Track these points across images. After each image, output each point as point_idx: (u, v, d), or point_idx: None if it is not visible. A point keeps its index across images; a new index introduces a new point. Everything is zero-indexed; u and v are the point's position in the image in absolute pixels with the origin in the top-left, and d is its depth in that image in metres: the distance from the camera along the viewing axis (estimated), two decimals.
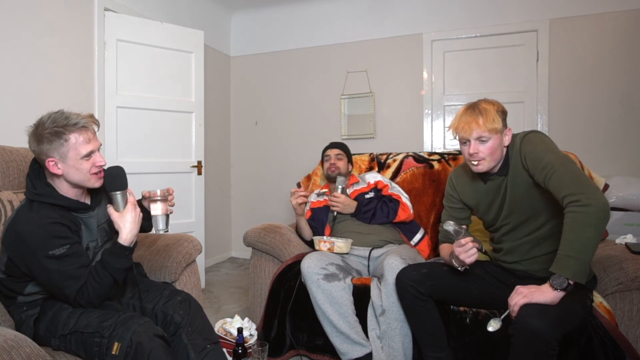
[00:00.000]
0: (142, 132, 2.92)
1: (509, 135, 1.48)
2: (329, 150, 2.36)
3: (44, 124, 1.23)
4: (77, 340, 1.22)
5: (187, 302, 1.42)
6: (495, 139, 1.43)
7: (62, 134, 1.22)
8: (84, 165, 1.27)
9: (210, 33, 3.81)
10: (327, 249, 1.96)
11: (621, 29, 3.02)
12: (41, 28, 2.37)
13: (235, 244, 4.31)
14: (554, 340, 1.18)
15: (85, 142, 1.26)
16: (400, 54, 3.61)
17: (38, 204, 1.25)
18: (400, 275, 1.62)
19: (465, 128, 1.44)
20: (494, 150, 1.44)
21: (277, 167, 4.09)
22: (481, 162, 1.46)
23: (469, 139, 1.45)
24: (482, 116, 1.42)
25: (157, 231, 1.44)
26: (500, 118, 1.43)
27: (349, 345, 1.74)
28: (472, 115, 1.44)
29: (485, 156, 1.44)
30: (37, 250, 1.19)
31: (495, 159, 1.46)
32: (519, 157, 1.44)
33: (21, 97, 2.27)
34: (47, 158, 1.24)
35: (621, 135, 3.02)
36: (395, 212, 2.11)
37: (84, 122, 1.26)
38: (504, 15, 3.30)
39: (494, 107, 1.45)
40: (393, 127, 3.65)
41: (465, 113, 1.47)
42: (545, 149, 1.38)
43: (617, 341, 1.39)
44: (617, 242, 1.90)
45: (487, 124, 1.41)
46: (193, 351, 1.33)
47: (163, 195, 1.42)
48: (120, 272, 1.27)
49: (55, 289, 1.24)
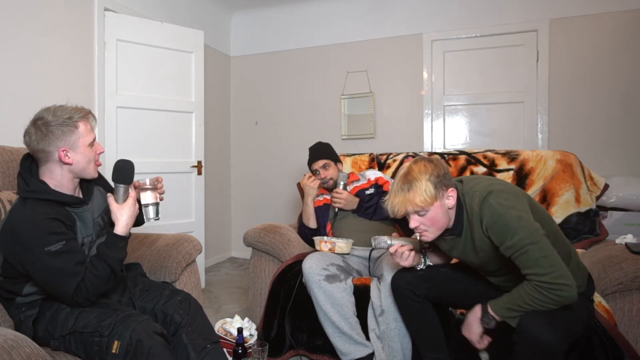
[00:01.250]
0: (142, 132, 2.93)
1: (452, 196, 1.37)
2: (313, 163, 2.27)
3: (46, 118, 1.25)
4: (77, 341, 1.22)
5: (187, 302, 1.42)
6: (433, 209, 1.34)
7: (72, 123, 1.27)
8: (90, 154, 1.32)
9: (210, 33, 3.81)
10: (328, 250, 1.96)
11: (621, 29, 3.02)
12: (41, 28, 2.37)
13: (235, 244, 4.31)
14: (560, 352, 1.19)
15: (90, 130, 1.33)
16: (400, 54, 3.61)
17: (32, 201, 1.24)
18: (396, 277, 1.62)
19: (401, 208, 1.36)
20: (436, 219, 1.36)
21: (277, 167, 4.08)
22: (424, 234, 1.40)
23: (408, 213, 1.38)
24: (412, 191, 1.33)
25: (148, 219, 1.44)
26: (432, 186, 1.33)
27: (350, 346, 1.74)
28: (402, 192, 1.35)
29: (428, 227, 1.37)
30: (33, 247, 1.19)
31: (440, 227, 1.38)
32: (479, 224, 1.34)
33: (21, 97, 2.27)
34: (59, 149, 1.26)
35: (621, 135, 3.02)
36: None
37: (84, 113, 1.32)
38: (504, 15, 3.30)
39: (425, 175, 1.34)
40: (393, 127, 3.65)
41: (397, 189, 1.37)
42: (512, 228, 1.25)
43: (616, 340, 1.39)
44: (617, 242, 1.91)
45: (417, 199, 1.32)
46: (193, 351, 1.33)
47: (152, 184, 1.43)
48: (116, 262, 1.27)
49: (52, 286, 1.23)
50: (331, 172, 2.24)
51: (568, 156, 2.21)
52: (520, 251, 1.24)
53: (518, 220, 1.25)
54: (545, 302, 1.21)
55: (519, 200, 1.32)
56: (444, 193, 1.36)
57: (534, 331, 1.19)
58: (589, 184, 2.19)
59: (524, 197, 1.37)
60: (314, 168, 2.28)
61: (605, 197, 2.59)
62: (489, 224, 1.30)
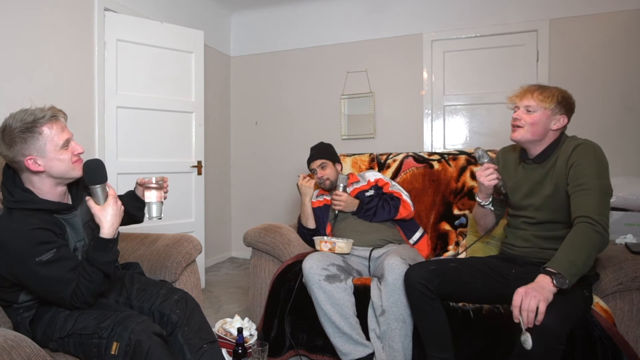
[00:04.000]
0: (142, 132, 2.92)
1: (561, 122, 1.51)
2: (311, 163, 2.29)
3: (11, 125, 1.19)
4: (75, 343, 1.21)
5: (184, 301, 1.40)
6: (541, 114, 1.49)
7: (34, 128, 1.19)
8: (64, 156, 1.24)
9: (210, 33, 3.81)
10: (328, 250, 1.96)
11: (621, 29, 3.02)
12: (41, 28, 2.37)
13: (235, 244, 4.31)
14: (563, 335, 1.20)
15: (59, 131, 1.24)
16: (400, 54, 3.61)
17: (18, 212, 1.20)
18: (410, 272, 1.61)
19: (519, 94, 1.54)
20: (536, 123, 1.49)
21: (277, 167, 4.09)
22: (518, 130, 1.53)
23: (518, 105, 1.53)
24: (539, 90, 1.50)
25: (150, 218, 1.43)
26: (556, 101, 1.48)
27: (351, 346, 1.74)
28: (532, 87, 1.53)
29: (525, 125, 1.50)
30: (23, 259, 1.16)
31: (534, 134, 1.51)
32: (565, 161, 1.47)
33: (21, 97, 2.27)
34: (25, 157, 1.20)
35: (621, 135, 3.02)
36: (396, 209, 2.11)
37: (52, 113, 1.23)
38: (504, 15, 3.29)
39: (558, 91, 1.51)
40: (393, 127, 3.65)
41: (529, 85, 1.55)
42: (594, 171, 1.39)
43: (614, 339, 1.40)
44: (617, 242, 1.91)
45: (539, 97, 1.48)
46: (189, 351, 1.31)
47: (158, 183, 1.41)
48: (108, 265, 1.24)
49: (48, 294, 1.22)
50: (328, 172, 2.25)
51: None
52: (591, 190, 1.35)
53: (604, 169, 1.39)
54: (594, 244, 1.28)
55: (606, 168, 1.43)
56: (558, 116, 1.50)
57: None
58: None
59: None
60: (311, 167, 2.30)
61: None
62: (575, 162, 1.42)
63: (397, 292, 1.67)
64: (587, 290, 1.43)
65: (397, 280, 1.67)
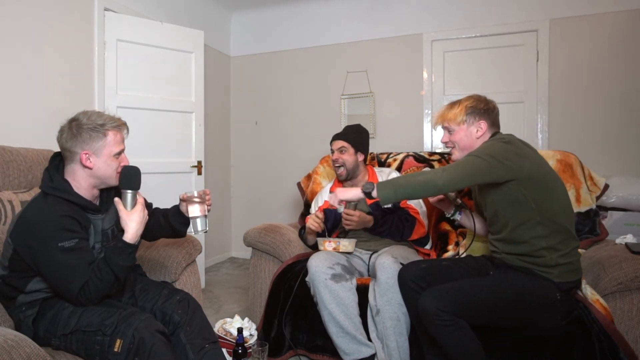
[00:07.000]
0: (142, 132, 2.92)
1: (483, 127, 1.56)
2: (333, 142, 2.16)
3: (82, 120, 1.31)
4: (78, 340, 1.22)
5: (186, 302, 1.42)
6: (459, 130, 1.58)
7: (102, 130, 1.32)
8: (114, 163, 1.35)
9: (210, 33, 3.81)
10: (332, 249, 1.92)
11: (621, 29, 3.02)
12: (41, 28, 2.37)
13: (235, 244, 4.31)
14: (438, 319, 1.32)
15: (119, 141, 1.37)
16: (400, 54, 3.61)
17: (52, 198, 1.28)
18: (403, 271, 1.63)
19: (438, 119, 1.64)
20: (460, 139, 1.58)
21: (277, 167, 4.08)
22: (453, 151, 1.63)
23: (442, 128, 1.65)
24: (447, 111, 1.60)
25: (196, 232, 1.46)
26: (465, 113, 1.56)
27: (354, 346, 1.73)
28: (442, 109, 1.63)
29: (454, 144, 1.61)
30: (46, 240, 1.21)
31: (464, 149, 1.58)
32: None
33: (21, 97, 2.27)
34: (83, 150, 1.30)
35: (621, 135, 3.02)
36: (410, 231, 2.01)
37: (119, 124, 1.37)
38: (504, 15, 3.30)
39: (463, 103, 1.58)
40: (393, 127, 3.65)
41: (442, 107, 1.65)
42: (480, 150, 1.44)
43: (612, 337, 1.41)
44: (617, 242, 1.90)
45: (449, 117, 1.58)
46: (191, 351, 1.33)
47: (201, 197, 1.44)
48: (122, 269, 1.26)
49: (59, 282, 1.23)
50: (346, 157, 2.09)
51: (568, 156, 2.21)
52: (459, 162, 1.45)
53: (484, 151, 1.41)
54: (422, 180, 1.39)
55: (513, 153, 1.41)
56: (474, 122, 1.56)
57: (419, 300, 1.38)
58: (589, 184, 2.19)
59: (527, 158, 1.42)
60: (332, 147, 2.16)
61: (605, 197, 2.59)
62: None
63: (390, 291, 1.66)
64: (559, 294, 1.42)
65: (389, 279, 1.67)
